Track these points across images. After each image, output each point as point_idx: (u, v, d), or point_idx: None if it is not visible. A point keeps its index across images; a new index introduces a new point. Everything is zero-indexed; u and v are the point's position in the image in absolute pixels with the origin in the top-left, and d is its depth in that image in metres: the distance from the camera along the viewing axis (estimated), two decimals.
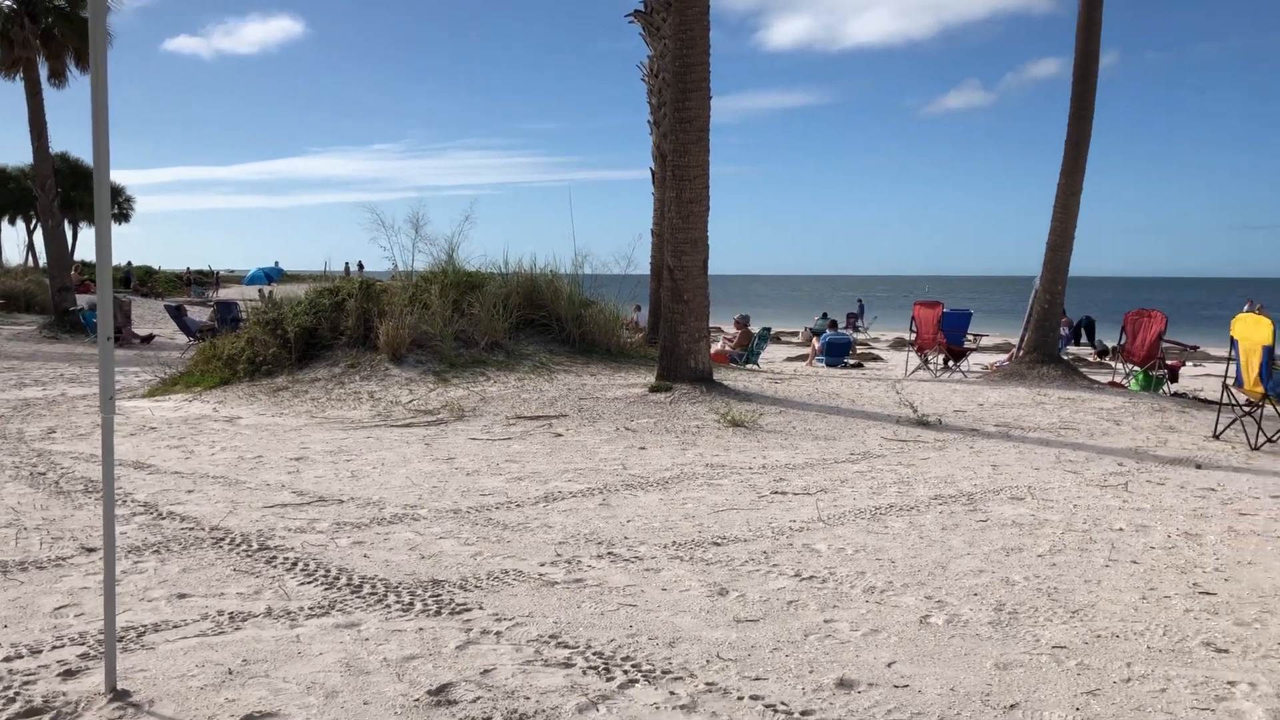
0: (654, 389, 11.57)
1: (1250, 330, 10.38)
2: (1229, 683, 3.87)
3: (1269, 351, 10.04)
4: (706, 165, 11.79)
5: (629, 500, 6.89)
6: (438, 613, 4.51)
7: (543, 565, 5.29)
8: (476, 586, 4.91)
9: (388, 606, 4.59)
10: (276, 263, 41.92)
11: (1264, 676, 3.94)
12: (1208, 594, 5.03)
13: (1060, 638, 4.33)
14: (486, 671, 3.84)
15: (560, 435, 9.51)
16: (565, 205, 70.88)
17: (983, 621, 4.52)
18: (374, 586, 4.88)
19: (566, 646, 4.11)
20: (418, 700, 3.57)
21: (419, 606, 4.59)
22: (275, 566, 5.20)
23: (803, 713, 3.52)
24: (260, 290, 35.30)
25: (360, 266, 34.64)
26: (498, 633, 4.27)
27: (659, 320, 13.45)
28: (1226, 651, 4.22)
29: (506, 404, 11.05)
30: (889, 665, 3.98)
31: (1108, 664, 4.03)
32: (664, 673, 3.85)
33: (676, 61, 11.60)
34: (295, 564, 5.24)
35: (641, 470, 7.94)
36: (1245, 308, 28.81)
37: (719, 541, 5.84)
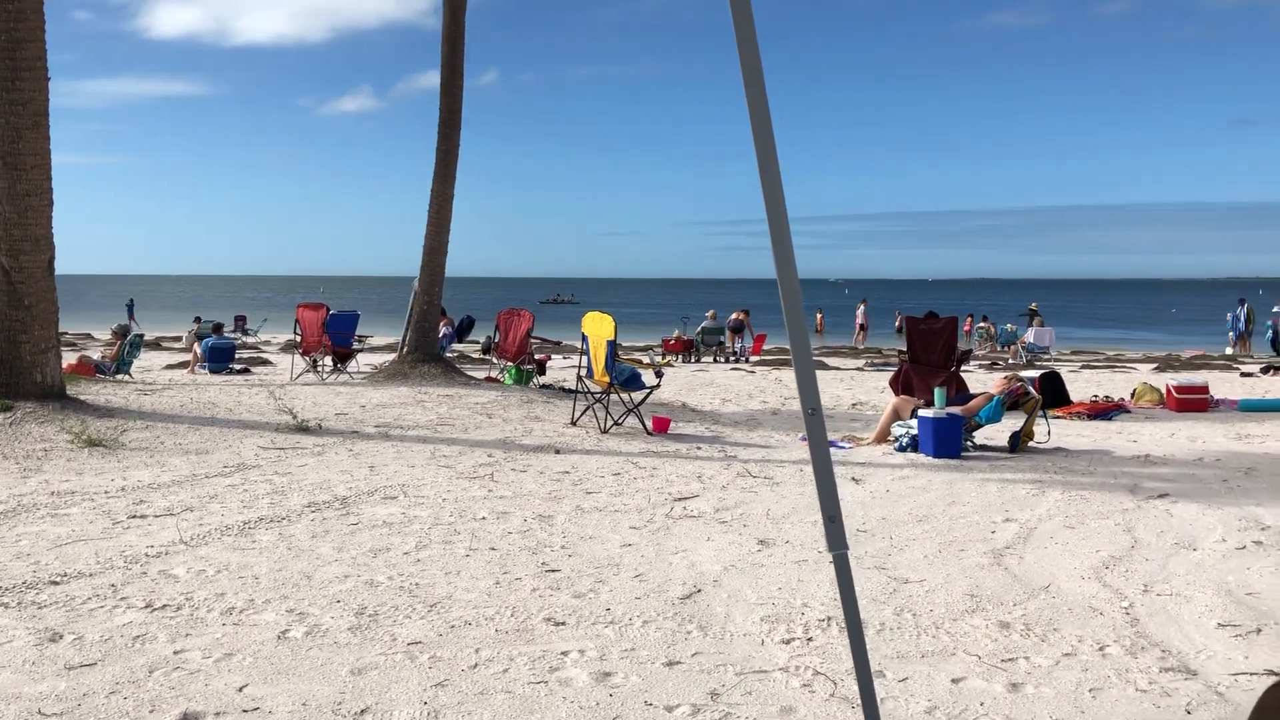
0: None
1: (597, 327, 11.63)
2: (562, 653, 4.24)
3: (612, 345, 11.34)
4: (47, 154, 10.48)
5: None
6: None
7: None
8: None
9: None
10: None
11: (591, 642, 4.38)
12: (553, 571, 5.50)
13: (417, 634, 4.45)
14: None
15: None
16: None
17: (343, 628, 4.50)
18: None
19: None
20: None
21: None
22: None
23: None
24: None
25: None
26: None
27: None
28: (564, 624, 4.63)
29: None
30: (240, 689, 3.79)
31: (458, 653, 4.22)
32: None
33: (3, 36, 10.15)
34: None
35: None
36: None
37: (58, 580, 5.19)
